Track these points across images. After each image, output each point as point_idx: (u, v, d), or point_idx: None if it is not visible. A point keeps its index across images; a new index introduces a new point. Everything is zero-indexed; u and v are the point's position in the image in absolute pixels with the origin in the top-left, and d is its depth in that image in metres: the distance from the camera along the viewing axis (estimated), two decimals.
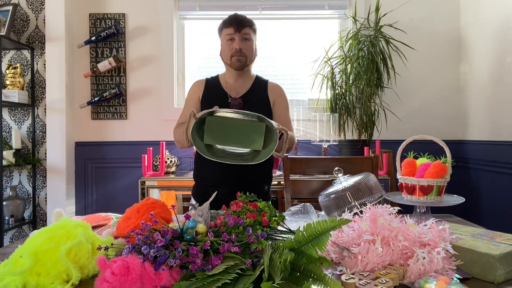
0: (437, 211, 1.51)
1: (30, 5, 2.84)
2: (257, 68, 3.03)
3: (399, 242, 0.85)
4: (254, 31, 1.74)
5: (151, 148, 2.54)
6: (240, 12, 3.15)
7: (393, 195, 1.25)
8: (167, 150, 2.71)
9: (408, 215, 1.10)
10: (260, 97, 1.73)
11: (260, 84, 1.77)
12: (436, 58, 2.91)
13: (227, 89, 1.74)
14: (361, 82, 2.61)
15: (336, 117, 2.71)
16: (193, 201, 1.78)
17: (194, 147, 1.75)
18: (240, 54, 1.67)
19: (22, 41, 2.82)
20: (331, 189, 1.25)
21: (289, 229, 0.99)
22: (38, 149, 2.85)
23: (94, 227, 1.23)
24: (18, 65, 2.76)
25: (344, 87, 2.72)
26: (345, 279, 0.75)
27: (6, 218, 2.65)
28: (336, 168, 1.29)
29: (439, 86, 2.92)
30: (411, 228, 0.88)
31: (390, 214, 0.92)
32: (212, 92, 1.75)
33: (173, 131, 1.76)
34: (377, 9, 2.76)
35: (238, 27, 1.67)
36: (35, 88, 2.84)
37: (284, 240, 0.83)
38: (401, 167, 1.24)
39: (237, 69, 1.71)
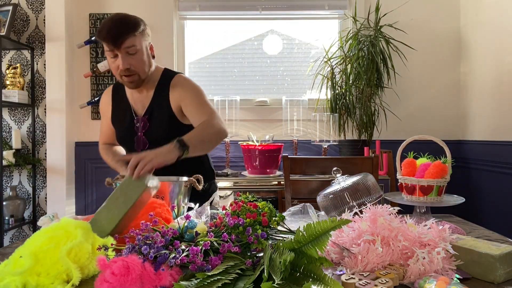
0: (437, 211, 1.51)
1: (30, 5, 2.84)
2: (258, 68, 3.04)
3: (399, 242, 0.85)
4: (142, 33, 1.42)
5: None
6: (240, 12, 3.15)
7: (393, 195, 1.25)
8: None
9: (408, 215, 1.10)
10: (163, 105, 1.49)
11: (164, 86, 1.52)
12: (436, 58, 2.91)
13: (132, 101, 1.55)
14: (361, 82, 2.62)
15: (336, 117, 2.71)
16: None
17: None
18: (129, 73, 1.40)
19: (22, 41, 2.82)
20: (329, 189, 1.25)
21: (289, 229, 0.99)
22: (38, 149, 2.85)
23: None
24: (18, 65, 2.76)
25: (344, 87, 2.72)
26: (345, 279, 0.75)
27: (6, 218, 2.65)
28: (335, 168, 1.29)
29: (439, 86, 2.92)
30: (411, 228, 0.88)
31: (390, 214, 0.92)
32: (118, 108, 1.57)
33: (100, 151, 1.66)
34: (377, 9, 2.76)
35: (116, 43, 1.34)
36: (35, 88, 2.84)
37: (284, 240, 0.83)
38: (401, 167, 1.24)
39: (132, 88, 1.48)
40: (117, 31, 1.34)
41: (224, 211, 0.97)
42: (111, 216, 0.98)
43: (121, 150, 1.70)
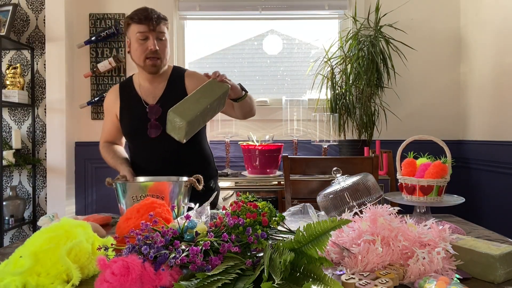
0: (437, 211, 1.51)
1: (30, 5, 2.84)
2: (257, 68, 3.04)
3: (399, 242, 0.85)
4: (167, 28, 1.61)
5: None
6: (240, 12, 3.17)
7: (393, 195, 1.25)
8: None
9: (408, 215, 1.10)
10: (178, 94, 1.58)
11: (177, 78, 1.65)
12: (436, 58, 2.91)
13: (142, 94, 1.62)
14: (361, 82, 2.62)
15: (336, 117, 2.71)
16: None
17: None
18: (155, 56, 1.53)
19: (22, 41, 2.82)
20: (329, 189, 1.25)
21: (289, 229, 0.99)
22: (38, 149, 2.85)
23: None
24: (18, 65, 2.76)
25: (344, 87, 2.72)
26: (345, 279, 0.75)
27: (6, 218, 2.65)
28: (335, 168, 1.29)
29: (439, 86, 2.92)
30: (411, 228, 0.88)
31: (390, 214, 0.92)
32: (128, 101, 1.64)
33: (100, 150, 1.71)
34: (377, 9, 2.76)
35: (153, 25, 1.51)
36: (35, 88, 2.84)
37: (284, 240, 0.83)
38: (401, 167, 1.24)
39: (151, 73, 1.58)
40: (156, 16, 1.53)
41: (224, 211, 0.98)
42: (197, 104, 1.19)
43: (121, 150, 1.72)
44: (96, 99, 2.81)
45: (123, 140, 1.78)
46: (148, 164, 1.61)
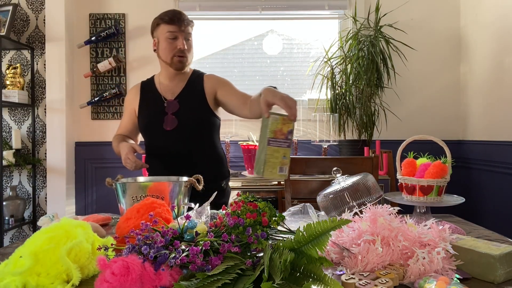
0: (437, 211, 1.51)
1: (30, 5, 2.84)
2: (257, 68, 3.04)
3: (399, 242, 0.85)
4: (192, 30, 1.71)
5: None
6: (240, 12, 3.18)
7: (393, 195, 1.25)
8: None
9: (408, 215, 1.10)
10: (196, 92, 1.68)
11: (197, 78, 1.73)
12: (436, 58, 2.91)
13: (162, 90, 1.70)
14: (361, 82, 2.62)
15: (336, 117, 2.71)
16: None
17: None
18: (183, 55, 1.63)
19: (22, 41, 2.82)
20: (329, 189, 1.24)
21: (289, 229, 0.99)
22: (38, 149, 2.85)
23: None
24: (18, 65, 2.76)
25: (344, 87, 2.72)
26: (345, 279, 0.75)
27: (6, 218, 2.65)
28: (335, 168, 1.29)
29: (439, 86, 2.92)
30: (411, 228, 0.88)
31: (390, 214, 0.92)
32: (147, 97, 1.72)
33: (112, 140, 1.73)
34: (377, 9, 2.76)
35: (183, 25, 1.62)
36: (35, 88, 2.84)
37: (284, 240, 0.83)
38: (401, 167, 1.24)
39: (177, 70, 1.67)
40: (185, 18, 1.63)
41: (224, 211, 0.97)
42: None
43: (130, 141, 1.76)
44: (96, 99, 2.81)
45: (138, 138, 1.84)
46: (161, 160, 1.65)
